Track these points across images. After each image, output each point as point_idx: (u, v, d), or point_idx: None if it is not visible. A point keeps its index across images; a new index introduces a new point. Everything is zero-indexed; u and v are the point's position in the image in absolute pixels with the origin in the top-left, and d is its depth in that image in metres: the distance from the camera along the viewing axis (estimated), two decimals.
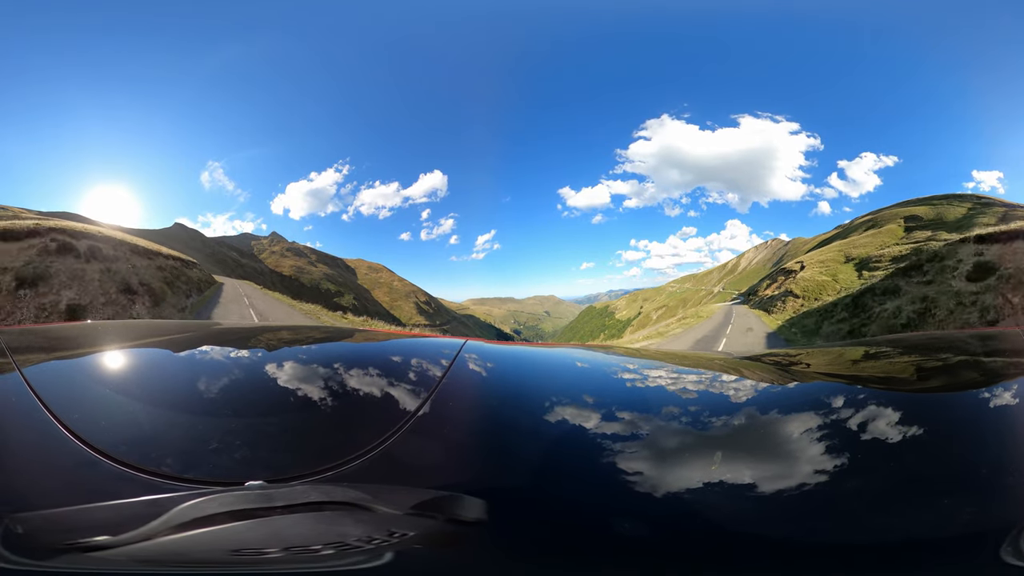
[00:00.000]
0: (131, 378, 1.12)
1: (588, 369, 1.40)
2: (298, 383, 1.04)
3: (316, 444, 0.85)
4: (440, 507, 0.67)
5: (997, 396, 1.01)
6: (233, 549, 0.61)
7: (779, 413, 1.00)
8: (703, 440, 0.88)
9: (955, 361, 1.38)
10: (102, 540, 0.59)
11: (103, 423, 0.86)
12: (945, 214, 36.15)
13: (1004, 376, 1.18)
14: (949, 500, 0.73)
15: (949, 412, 0.99)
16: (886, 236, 37.00)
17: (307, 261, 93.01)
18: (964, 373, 1.26)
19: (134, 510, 0.62)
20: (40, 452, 0.76)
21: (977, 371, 1.27)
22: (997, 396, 1.01)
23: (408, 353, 1.39)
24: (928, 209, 38.68)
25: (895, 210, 43.04)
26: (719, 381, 1.25)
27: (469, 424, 0.91)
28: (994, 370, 1.26)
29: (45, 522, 0.63)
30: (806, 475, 0.76)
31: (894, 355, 1.53)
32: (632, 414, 0.96)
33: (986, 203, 36.39)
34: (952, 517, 0.70)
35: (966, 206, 36.55)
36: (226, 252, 76.77)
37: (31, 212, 32.55)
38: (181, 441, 0.83)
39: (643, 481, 0.75)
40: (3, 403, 0.91)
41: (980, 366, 1.31)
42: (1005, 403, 0.98)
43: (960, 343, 1.59)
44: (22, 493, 0.68)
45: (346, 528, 0.63)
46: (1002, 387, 1.06)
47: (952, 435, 0.89)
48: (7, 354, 1.08)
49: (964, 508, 0.71)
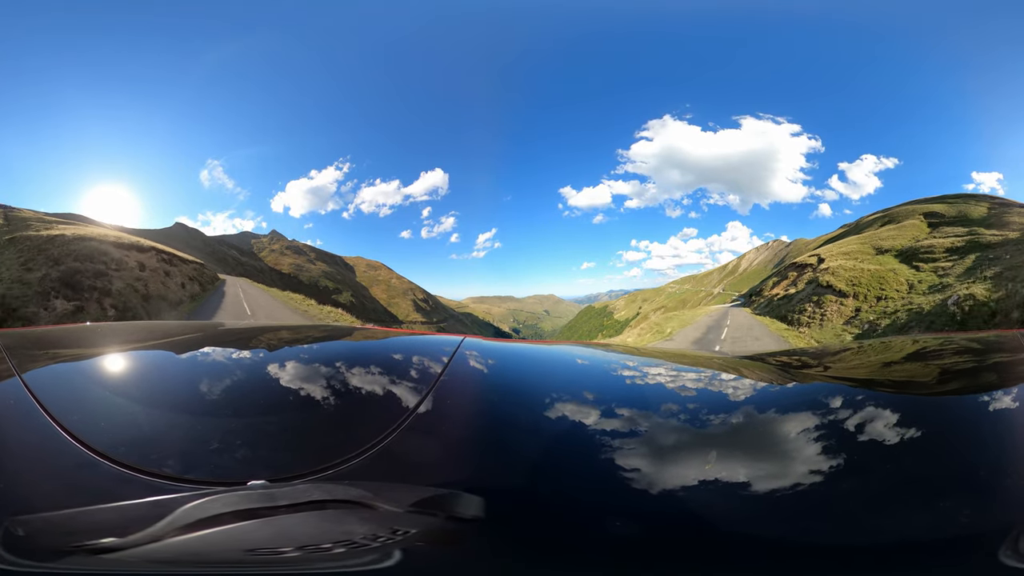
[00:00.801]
0: (130, 379, 1.12)
1: (586, 366, 1.40)
2: (297, 382, 1.04)
3: (316, 443, 0.85)
4: (441, 504, 0.67)
5: (995, 399, 1.01)
6: (247, 549, 0.61)
7: (777, 413, 0.99)
8: (701, 438, 0.87)
9: (954, 364, 1.38)
10: (108, 542, 0.59)
11: (103, 424, 0.85)
12: (968, 212, 34.47)
13: (1002, 379, 1.18)
14: (946, 502, 0.72)
15: (947, 414, 0.99)
16: (913, 230, 34.12)
17: (306, 259, 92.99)
18: (963, 376, 1.26)
19: (138, 511, 0.62)
20: (40, 454, 0.75)
21: (976, 374, 1.27)
22: (995, 399, 1.01)
23: (406, 351, 1.39)
24: (945, 207, 37.33)
25: (911, 207, 41.67)
26: (718, 380, 1.24)
27: (468, 421, 0.91)
28: (992, 373, 1.26)
29: (46, 524, 0.62)
30: (803, 475, 0.76)
31: (893, 357, 1.53)
32: (630, 411, 0.96)
33: (1002, 203, 35.41)
34: (950, 519, 0.70)
35: (984, 205, 35.29)
36: (226, 251, 76.76)
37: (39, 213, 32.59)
38: (182, 442, 0.82)
39: (640, 478, 0.75)
40: (2, 406, 0.91)
41: (979, 369, 1.32)
42: (1003, 406, 0.98)
43: (959, 346, 1.59)
44: (22, 495, 0.68)
45: (351, 526, 0.63)
46: (1000, 391, 1.06)
47: (950, 437, 0.89)
48: (5, 357, 1.08)
49: (962, 510, 0.71)
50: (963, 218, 33.50)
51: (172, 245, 33.20)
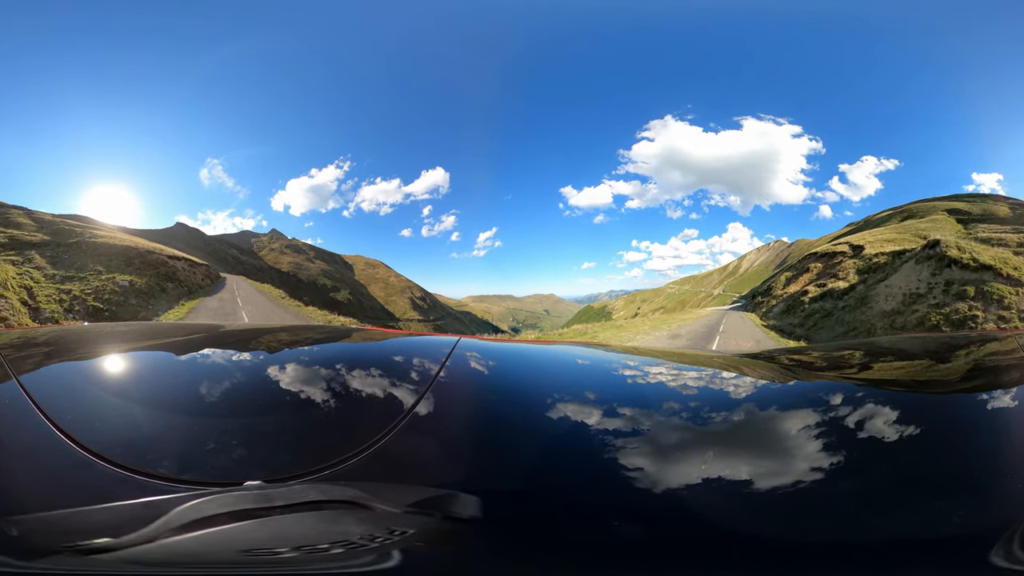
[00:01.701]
0: (126, 380, 1.11)
1: (583, 366, 1.39)
2: (293, 383, 1.04)
3: (312, 443, 0.85)
4: (438, 504, 0.66)
5: (994, 399, 1.01)
6: (242, 549, 0.60)
7: (777, 411, 0.99)
8: (700, 437, 0.87)
9: (952, 364, 1.37)
10: (102, 542, 0.59)
11: (97, 424, 0.84)
12: (994, 211, 33.10)
13: (1000, 379, 1.18)
14: (944, 501, 0.72)
15: (946, 413, 0.99)
16: (947, 225, 31.67)
17: (305, 257, 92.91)
18: (961, 376, 1.26)
19: (132, 512, 0.62)
20: (34, 454, 0.75)
21: (974, 374, 1.27)
22: (994, 399, 1.01)
23: (402, 352, 1.39)
24: (967, 205, 36.40)
25: (928, 203, 40.48)
26: (718, 378, 1.24)
27: (465, 421, 0.91)
28: (991, 373, 1.26)
29: (40, 524, 0.62)
30: (802, 473, 0.76)
31: (892, 356, 1.53)
32: (628, 410, 0.95)
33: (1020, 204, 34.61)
34: (947, 518, 0.69)
35: (1005, 205, 34.34)
36: (226, 250, 76.65)
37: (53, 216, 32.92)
38: (178, 442, 0.82)
39: (639, 477, 0.74)
40: None
41: (977, 369, 1.32)
42: (1002, 406, 0.98)
43: (957, 345, 1.59)
44: (16, 495, 0.68)
45: (348, 527, 0.63)
46: (999, 390, 1.06)
47: (948, 437, 0.88)
48: (0, 357, 1.07)
49: (959, 509, 0.71)
50: (992, 216, 31.87)
51: (174, 245, 34.51)
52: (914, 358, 1.50)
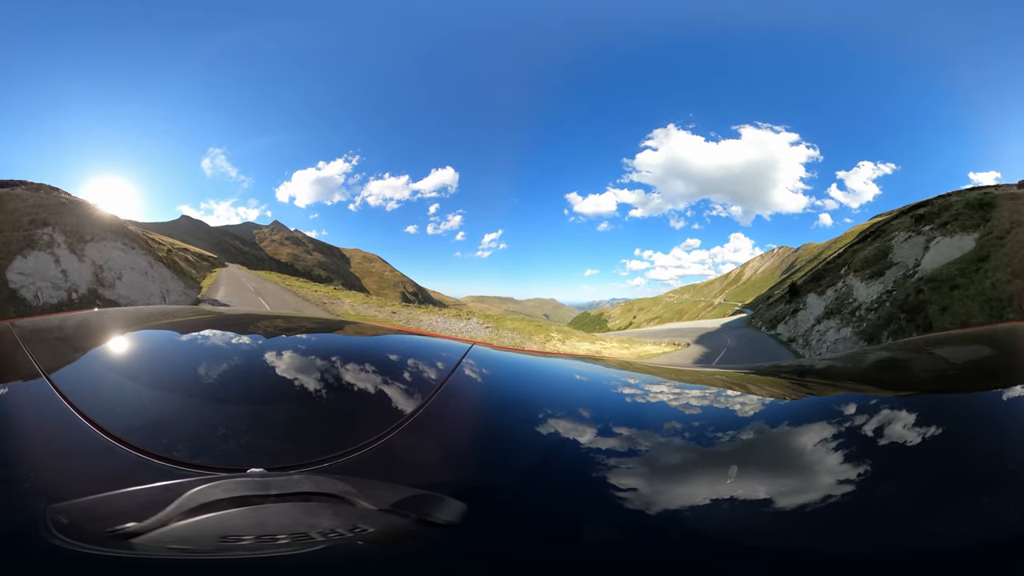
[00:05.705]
0: (142, 365, 1.11)
1: (596, 382, 1.32)
2: (304, 373, 1.04)
3: (316, 434, 0.85)
4: (416, 506, 0.65)
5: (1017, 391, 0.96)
6: (221, 536, 0.59)
7: (789, 425, 0.95)
8: (708, 457, 0.83)
9: (970, 359, 1.33)
10: (131, 527, 0.58)
11: (118, 410, 0.84)
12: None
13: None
14: (988, 498, 0.69)
15: (972, 411, 0.95)
16: None
17: (304, 249, 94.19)
18: (981, 372, 1.22)
19: (151, 495, 0.62)
20: (63, 441, 0.75)
21: (995, 369, 1.22)
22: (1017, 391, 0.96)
23: (414, 352, 1.36)
24: None
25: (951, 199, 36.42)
26: (724, 396, 1.18)
27: (465, 428, 0.91)
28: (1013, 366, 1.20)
29: (80, 511, 0.61)
30: (829, 487, 0.72)
31: (904, 359, 1.46)
32: (634, 431, 0.91)
33: None
34: (994, 518, 0.65)
35: None
36: (229, 241, 76.53)
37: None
38: (191, 427, 0.83)
39: (635, 498, 0.71)
40: (23, 394, 0.90)
41: (998, 363, 1.26)
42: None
43: (972, 341, 1.52)
44: (54, 484, 0.67)
45: (320, 520, 0.61)
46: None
47: (980, 435, 0.85)
48: (22, 346, 1.06)
49: (1007, 508, 0.67)
50: None
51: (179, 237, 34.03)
52: (928, 358, 1.40)
